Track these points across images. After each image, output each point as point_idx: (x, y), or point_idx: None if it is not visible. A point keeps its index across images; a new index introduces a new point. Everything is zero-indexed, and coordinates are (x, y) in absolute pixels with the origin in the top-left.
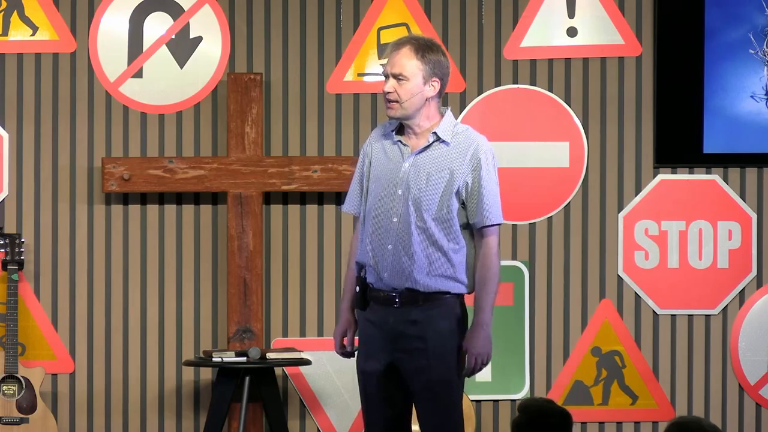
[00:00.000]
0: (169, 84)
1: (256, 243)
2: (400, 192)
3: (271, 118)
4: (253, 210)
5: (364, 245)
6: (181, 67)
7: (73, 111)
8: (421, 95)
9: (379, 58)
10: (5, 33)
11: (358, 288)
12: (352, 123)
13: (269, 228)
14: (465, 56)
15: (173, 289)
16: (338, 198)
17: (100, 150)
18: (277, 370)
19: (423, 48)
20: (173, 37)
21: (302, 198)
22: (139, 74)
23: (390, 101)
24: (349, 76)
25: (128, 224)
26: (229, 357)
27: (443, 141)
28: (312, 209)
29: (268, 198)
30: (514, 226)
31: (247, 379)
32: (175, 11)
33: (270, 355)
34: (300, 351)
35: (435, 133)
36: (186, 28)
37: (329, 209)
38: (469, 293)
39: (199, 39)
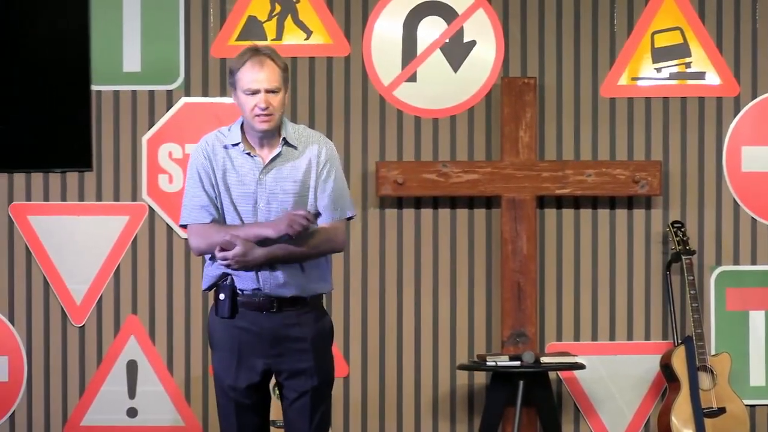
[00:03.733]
0: (443, 88)
1: (530, 247)
2: (262, 205)
3: (545, 122)
4: (527, 214)
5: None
6: (455, 72)
7: (347, 115)
8: (286, 105)
9: (653, 63)
10: (279, 37)
11: None
12: (626, 127)
13: (543, 232)
14: (739, 60)
15: (447, 292)
16: (612, 202)
17: (374, 154)
18: (552, 374)
19: (278, 57)
20: (447, 41)
21: (576, 202)
22: (413, 78)
23: (268, 115)
24: (623, 80)
25: (402, 228)
26: (503, 361)
27: (291, 145)
28: (586, 213)
29: (542, 202)
30: None
31: (521, 383)
32: (449, 15)
33: (544, 360)
34: (574, 355)
35: (284, 138)
36: (460, 32)
37: (603, 213)
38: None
39: (473, 43)
